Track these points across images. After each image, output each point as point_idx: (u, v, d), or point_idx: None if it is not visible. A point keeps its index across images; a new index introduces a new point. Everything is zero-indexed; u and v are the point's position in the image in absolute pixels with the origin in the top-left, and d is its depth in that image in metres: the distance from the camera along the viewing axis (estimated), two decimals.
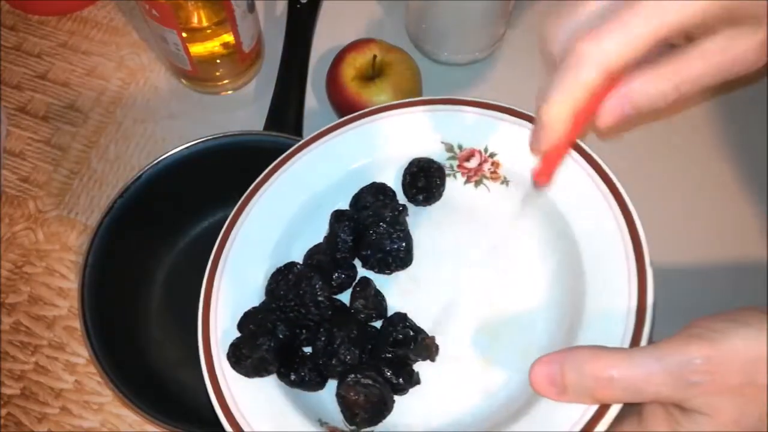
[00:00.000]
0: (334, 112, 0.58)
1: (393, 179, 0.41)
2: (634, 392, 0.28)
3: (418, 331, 0.37)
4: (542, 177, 0.33)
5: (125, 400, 0.43)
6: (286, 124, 0.55)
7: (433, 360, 0.36)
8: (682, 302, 0.45)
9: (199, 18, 0.54)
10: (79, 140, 0.61)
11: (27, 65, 0.64)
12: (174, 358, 0.51)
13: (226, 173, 0.51)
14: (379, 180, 0.41)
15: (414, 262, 0.40)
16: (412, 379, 0.36)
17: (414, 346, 0.36)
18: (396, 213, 0.40)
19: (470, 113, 0.40)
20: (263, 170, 0.45)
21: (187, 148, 0.50)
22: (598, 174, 0.35)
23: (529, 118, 0.38)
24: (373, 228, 0.39)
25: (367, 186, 0.40)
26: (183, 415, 0.43)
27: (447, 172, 0.40)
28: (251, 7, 0.56)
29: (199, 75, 0.59)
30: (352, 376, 0.35)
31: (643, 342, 0.31)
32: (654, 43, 0.27)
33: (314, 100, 0.60)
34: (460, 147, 0.40)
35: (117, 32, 0.65)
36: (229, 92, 0.62)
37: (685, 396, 0.28)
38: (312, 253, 0.41)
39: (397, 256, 0.39)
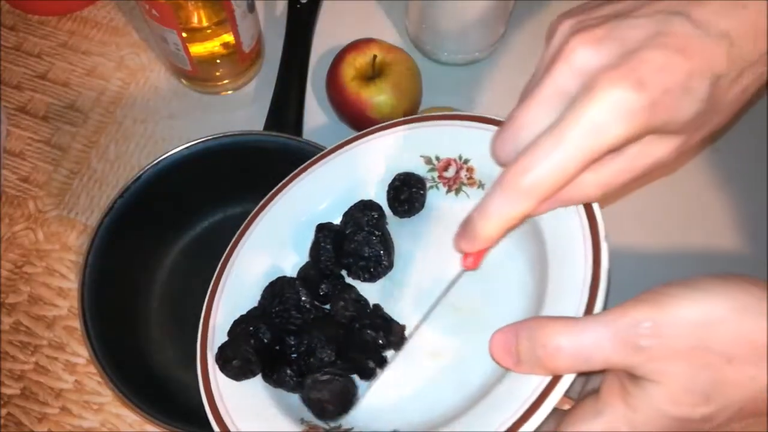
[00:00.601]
0: (334, 112, 0.58)
1: (384, 197, 0.43)
2: (583, 360, 0.28)
3: (390, 320, 0.39)
4: (471, 265, 0.36)
5: (125, 400, 0.43)
6: (286, 124, 0.55)
7: (398, 348, 0.38)
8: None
9: (199, 18, 0.54)
10: (79, 140, 0.61)
11: (27, 65, 0.64)
12: (174, 358, 0.51)
13: (226, 173, 0.52)
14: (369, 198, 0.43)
15: (400, 271, 0.41)
16: (383, 364, 0.38)
17: (384, 332, 0.38)
18: (374, 220, 0.41)
19: (442, 126, 0.42)
20: (263, 170, 0.46)
21: (187, 148, 0.50)
22: None
23: (493, 122, 0.39)
24: (351, 236, 0.40)
25: (354, 204, 0.42)
26: (183, 415, 0.43)
27: (429, 184, 0.42)
28: (251, 7, 0.56)
29: (199, 75, 0.59)
30: (310, 378, 0.37)
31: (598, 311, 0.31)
32: (586, 167, 0.29)
33: (314, 100, 0.60)
34: (437, 158, 0.42)
35: (117, 32, 0.65)
36: (229, 92, 0.62)
37: (635, 362, 0.27)
38: (302, 268, 0.43)
39: (378, 261, 0.40)
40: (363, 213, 0.42)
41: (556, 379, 0.29)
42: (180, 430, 0.43)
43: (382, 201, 0.43)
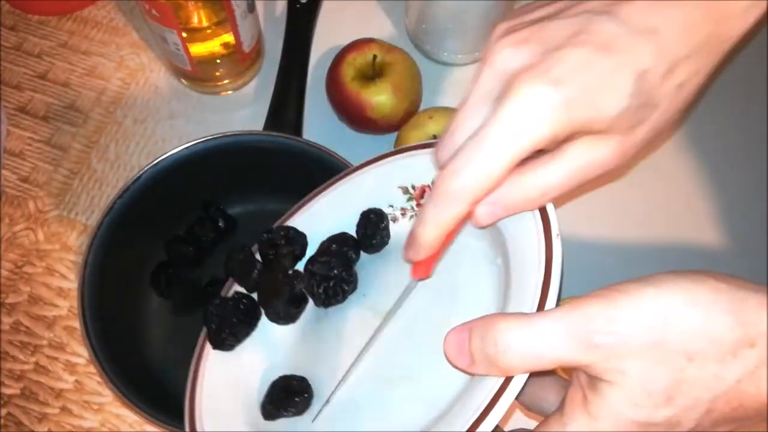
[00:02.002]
0: (334, 112, 0.58)
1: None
2: (534, 358, 0.26)
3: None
4: (421, 275, 0.36)
5: (125, 400, 0.43)
6: (286, 124, 0.55)
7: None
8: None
9: (199, 18, 0.54)
10: (79, 140, 0.61)
11: (27, 65, 0.64)
12: (174, 358, 0.51)
13: (226, 173, 0.52)
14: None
15: (378, 299, 0.41)
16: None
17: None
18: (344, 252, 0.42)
19: (415, 156, 0.42)
20: (263, 170, 0.46)
21: (186, 148, 0.50)
22: None
23: None
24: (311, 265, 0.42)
25: (328, 237, 0.43)
26: (183, 415, 0.43)
27: (410, 213, 0.43)
28: (251, 7, 0.56)
29: (199, 75, 0.59)
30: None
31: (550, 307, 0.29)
32: (511, 166, 0.29)
33: (314, 100, 0.60)
34: (413, 187, 0.42)
35: (117, 32, 0.65)
36: (229, 92, 0.62)
37: (588, 360, 0.26)
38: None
39: (339, 282, 0.41)
40: (339, 247, 0.42)
41: (507, 381, 0.28)
42: (180, 430, 0.42)
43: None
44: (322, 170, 0.48)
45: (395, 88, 0.54)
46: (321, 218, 0.45)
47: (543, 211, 0.32)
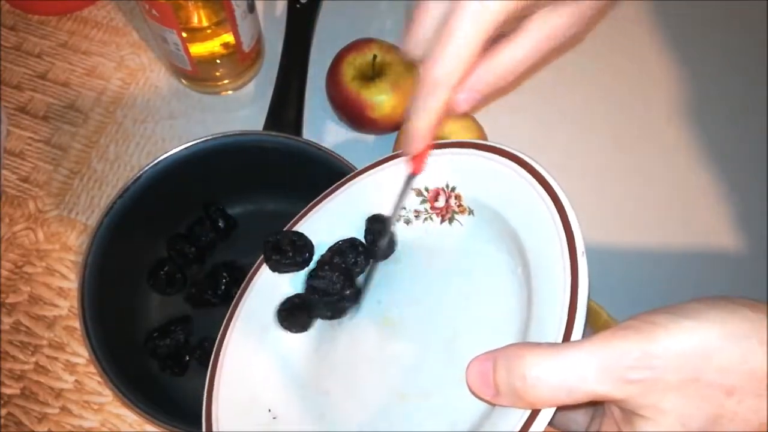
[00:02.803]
0: (334, 112, 0.58)
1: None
2: (566, 392, 0.25)
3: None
4: (417, 168, 0.38)
5: (125, 400, 0.43)
6: (286, 124, 0.55)
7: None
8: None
9: (199, 18, 0.54)
10: (79, 140, 0.61)
11: (27, 65, 0.64)
12: None
13: (226, 173, 0.52)
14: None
15: (393, 305, 0.40)
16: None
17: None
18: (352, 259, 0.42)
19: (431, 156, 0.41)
20: (263, 170, 0.46)
21: (186, 148, 0.50)
22: (525, 169, 0.35)
23: (476, 147, 0.39)
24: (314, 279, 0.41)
25: (329, 248, 0.42)
26: (183, 415, 0.43)
27: (423, 216, 0.42)
28: (251, 7, 0.56)
29: (199, 75, 0.59)
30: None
31: (578, 335, 0.28)
32: (483, 43, 0.32)
33: (314, 100, 0.60)
34: (426, 189, 0.41)
35: (117, 32, 0.65)
36: (229, 92, 0.62)
37: (624, 395, 0.25)
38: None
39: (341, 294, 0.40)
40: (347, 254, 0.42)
41: (534, 414, 0.27)
42: (180, 430, 0.43)
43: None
44: (322, 170, 0.48)
45: (395, 88, 0.54)
46: (331, 221, 0.44)
47: (567, 225, 0.31)
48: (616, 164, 0.59)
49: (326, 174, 0.46)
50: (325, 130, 0.59)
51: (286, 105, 0.57)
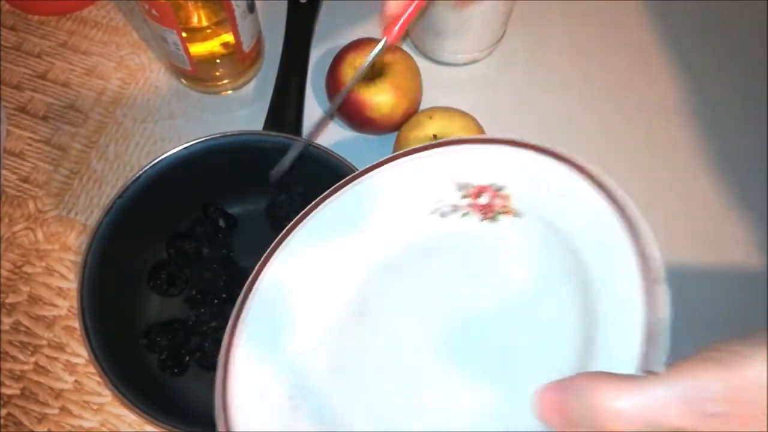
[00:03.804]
0: (334, 111, 0.58)
1: (420, 226, 0.41)
2: (646, 426, 0.25)
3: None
4: (392, 36, 0.42)
5: (125, 400, 0.43)
6: (285, 124, 0.55)
7: None
8: (689, 313, 0.45)
9: (199, 18, 0.54)
10: (79, 140, 0.61)
11: (27, 65, 0.64)
12: None
13: (226, 173, 0.51)
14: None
15: (431, 305, 0.38)
16: None
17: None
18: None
19: (475, 150, 0.39)
20: (263, 170, 0.46)
21: (186, 148, 0.50)
22: (592, 181, 0.34)
23: (532, 147, 0.37)
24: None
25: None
26: (183, 415, 0.43)
27: (462, 211, 0.40)
28: (251, 7, 0.56)
29: (199, 75, 0.59)
30: None
31: (657, 367, 0.28)
32: None
33: (314, 100, 0.60)
34: (469, 185, 0.39)
35: (117, 32, 0.65)
36: (229, 92, 0.62)
37: (706, 428, 0.24)
38: None
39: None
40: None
41: None
42: (180, 430, 0.42)
43: (416, 230, 0.40)
44: (322, 170, 0.48)
45: (395, 88, 0.54)
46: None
47: (642, 250, 0.30)
48: (616, 164, 0.59)
49: (326, 174, 0.46)
50: (325, 129, 0.59)
51: (286, 105, 0.57)
